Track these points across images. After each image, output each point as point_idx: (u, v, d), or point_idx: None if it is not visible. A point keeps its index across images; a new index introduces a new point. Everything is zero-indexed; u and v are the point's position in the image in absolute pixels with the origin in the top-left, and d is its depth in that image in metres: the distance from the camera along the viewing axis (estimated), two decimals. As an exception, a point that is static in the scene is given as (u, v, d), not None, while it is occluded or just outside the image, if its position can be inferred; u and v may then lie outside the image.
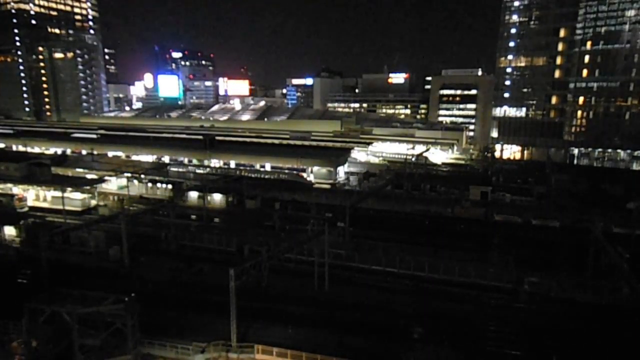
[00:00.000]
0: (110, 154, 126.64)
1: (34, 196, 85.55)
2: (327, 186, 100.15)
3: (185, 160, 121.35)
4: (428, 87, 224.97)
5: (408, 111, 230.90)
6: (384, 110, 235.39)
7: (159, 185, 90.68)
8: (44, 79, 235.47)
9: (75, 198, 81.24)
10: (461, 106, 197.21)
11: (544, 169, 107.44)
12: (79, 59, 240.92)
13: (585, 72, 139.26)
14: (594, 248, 49.00)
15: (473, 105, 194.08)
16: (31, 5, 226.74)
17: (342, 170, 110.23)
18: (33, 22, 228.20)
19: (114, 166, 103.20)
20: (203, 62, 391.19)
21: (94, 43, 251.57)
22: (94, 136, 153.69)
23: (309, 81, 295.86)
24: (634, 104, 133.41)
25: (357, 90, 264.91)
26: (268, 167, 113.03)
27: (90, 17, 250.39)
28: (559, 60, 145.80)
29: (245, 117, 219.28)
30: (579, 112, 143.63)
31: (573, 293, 45.92)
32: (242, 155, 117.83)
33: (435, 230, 68.01)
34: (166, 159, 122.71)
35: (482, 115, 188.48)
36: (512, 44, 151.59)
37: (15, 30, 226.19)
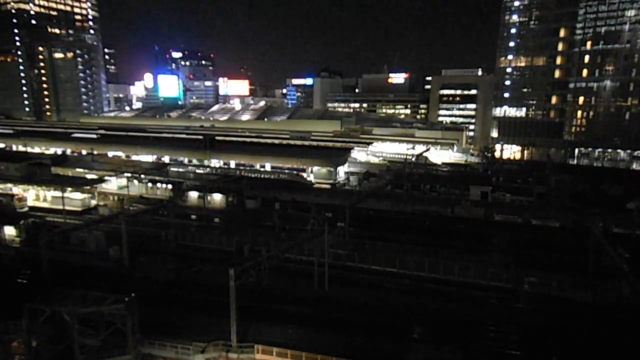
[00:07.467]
0: (110, 154, 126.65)
1: (34, 196, 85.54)
2: (327, 186, 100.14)
3: (185, 160, 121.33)
4: (428, 87, 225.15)
5: (408, 111, 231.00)
6: (384, 110, 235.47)
7: (159, 185, 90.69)
8: (44, 79, 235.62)
9: (75, 198, 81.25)
10: (461, 106, 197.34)
11: (544, 169, 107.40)
12: (79, 59, 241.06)
13: (585, 72, 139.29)
14: (594, 248, 48.96)
15: (473, 105, 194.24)
16: (31, 5, 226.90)
17: (342, 170, 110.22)
18: (33, 22, 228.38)
19: (114, 166, 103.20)
20: (203, 62, 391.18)
21: (94, 43, 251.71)
22: (94, 136, 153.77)
23: (309, 81, 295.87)
24: (634, 104, 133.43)
25: (357, 90, 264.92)
26: (268, 167, 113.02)
27: (90, 17, 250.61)
28: (559, 60, 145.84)
29: (245, 117, 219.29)
30: (579, 112, 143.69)
31: (573, 293, 45.91)
32: (242, 155, 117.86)
33: (435, 230, 67.92)
34: (166, 159, 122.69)
35: (482, 115, 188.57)
36: (512, 44, 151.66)
37: (15, 30, 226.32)
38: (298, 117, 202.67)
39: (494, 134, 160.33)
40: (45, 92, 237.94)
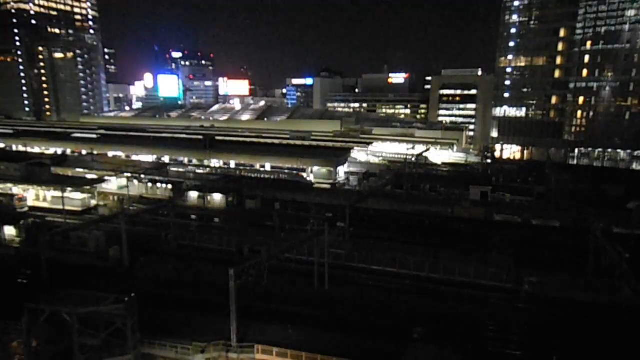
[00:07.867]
0: (110, 154, 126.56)
1: (34, 196, 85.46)
2: (327, 186, 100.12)
3: (185, 160, 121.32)
4: (428, 87, 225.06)
5: (408, 111, 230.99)
6: (384, 110, 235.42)
7: (159, 185, 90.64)
8: (44, 78, 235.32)
9: (75, 198, 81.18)
10: (461, 106, 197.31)
11: (544, 169, 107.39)
12: (79, 59, 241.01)
13: (585, 72, 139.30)
14: (594, 248, 48.98)
15: (473, 105, 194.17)
16: (31, 5, 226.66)
17: (342, 170, 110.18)
18: (33, 22, 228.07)
19: (114, 166, 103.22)
20: (203, 62, 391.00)
21: (94, 43, 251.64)
22: (94, 136, 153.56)
23: (309, 81, 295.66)
24: (634, 104, 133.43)
25: (357, 90, 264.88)
26: (268, 167, 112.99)
27: (90, 17, 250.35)
28: (559, 60, 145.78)
29: (245, 117, 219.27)
30: (579, 112, 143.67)
31: (573, 293, 45.93)
32: (242, 155, 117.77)
33: (435, 230, 67.98)
34: (166, 159, 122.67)
35: (482, 115, 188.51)
36: (512, 44, 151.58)
37: (15, 30, 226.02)
38: (298, 117, 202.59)
39: (494, 134, 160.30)
40: (45, 92, 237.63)
